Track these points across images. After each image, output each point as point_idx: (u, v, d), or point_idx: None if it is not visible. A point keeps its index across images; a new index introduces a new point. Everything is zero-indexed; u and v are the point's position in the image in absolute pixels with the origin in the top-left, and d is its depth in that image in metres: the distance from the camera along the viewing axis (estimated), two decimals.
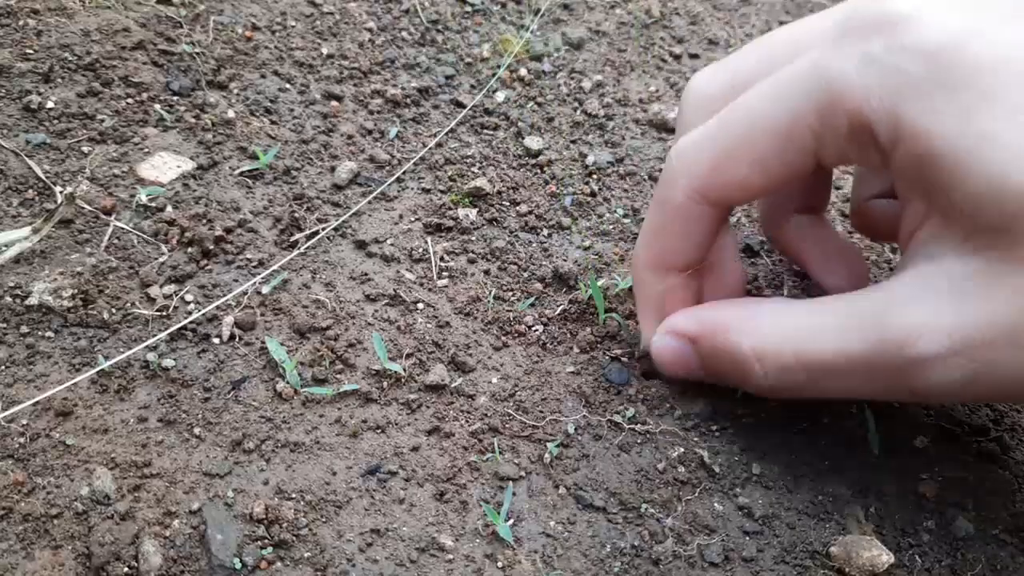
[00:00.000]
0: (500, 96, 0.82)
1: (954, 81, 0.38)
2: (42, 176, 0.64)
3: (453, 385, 0.56)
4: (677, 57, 0.92)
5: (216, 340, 0.57)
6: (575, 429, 0.54)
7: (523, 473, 0.52)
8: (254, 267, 0.62)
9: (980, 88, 0.37)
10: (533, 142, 0.76)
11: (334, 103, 0.78)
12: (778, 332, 0.46)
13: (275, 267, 0.62)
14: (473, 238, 0.67)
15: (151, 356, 0.54)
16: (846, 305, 0.45)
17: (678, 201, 0.49)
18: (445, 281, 0.64)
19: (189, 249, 0.62)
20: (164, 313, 0.57)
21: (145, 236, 0.62)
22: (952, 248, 0.40)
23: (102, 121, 0.70)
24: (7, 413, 0.49)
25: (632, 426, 0.54)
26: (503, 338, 0.60)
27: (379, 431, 0.53)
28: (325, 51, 0.83)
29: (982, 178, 0.37)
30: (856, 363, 0.43)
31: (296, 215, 0.66)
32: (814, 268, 0.61)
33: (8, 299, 0.56)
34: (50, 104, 0.70)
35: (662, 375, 0.58)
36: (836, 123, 0.42)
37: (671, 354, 0.53)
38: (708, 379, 0.53)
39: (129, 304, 0.58)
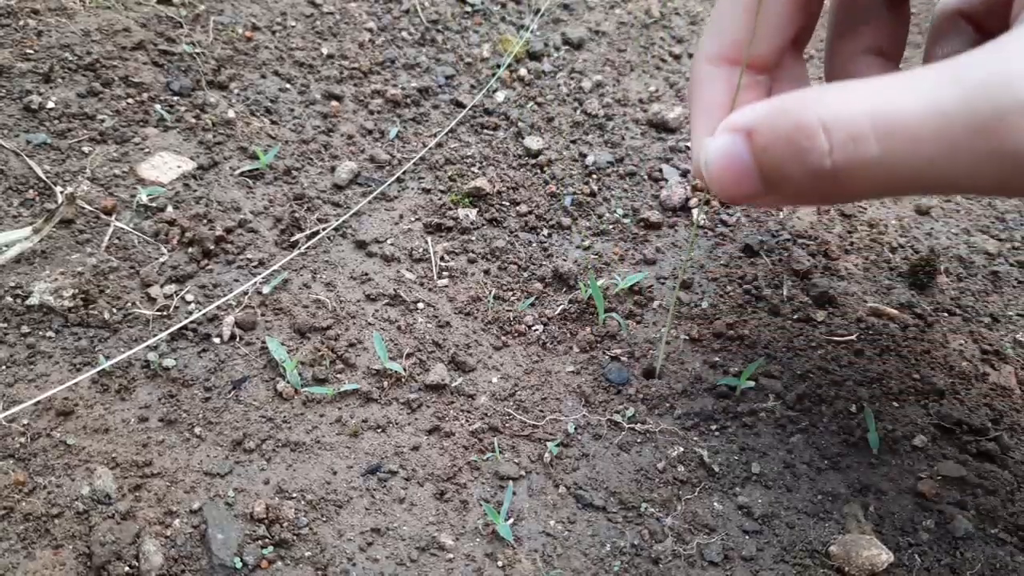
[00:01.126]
0: (500, 96, 0.82)
1: None
2: (42, 176, 0.65)
3: (453, 385, 0.56)
4: (677, 57, 0.92)
5: (217, 340, 0.57)
6: (575, 429, 0.54)
7: (523, 472, 0.52)
8: (254, 267, 0.62)
9: None
10: (533, 142, 0.77)
11: (334, 103, 0.78)
12: (852, 97, 0.38)
13: (275, 267, 0.62)
14: (473, 238, 0.68)
15: (152, 356, 0.54)
16: (941, 65, 0.37)
17: None
18: (445, 281, 0.64)
19: (189, 249, 0.62)
20: (165, 313, 0.57)
21: (145, 236, 0.62)
22: None
23: (102, 121, 0.70)
24: (8, 413, 0.49)
25: (632, 425, 0.55)
26: (503, 338, 0.60)
27: (379, 431, 0.53)
28: (325, 51, 0.83)
29: None
30: (947, 119, 0.35)
31: (296, 215, 0.66)
32: None
33: (9, 299, 0.56)
34: (50, 104, 0.70)
35: (661, 375, 0.58)
36: None
37: (724, 159, 0.42)
38: (764, 195, 0.43)
39: (130, 304, 0.58)
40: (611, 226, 0.70)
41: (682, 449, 0.53)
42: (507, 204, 0.71)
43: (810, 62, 0.91)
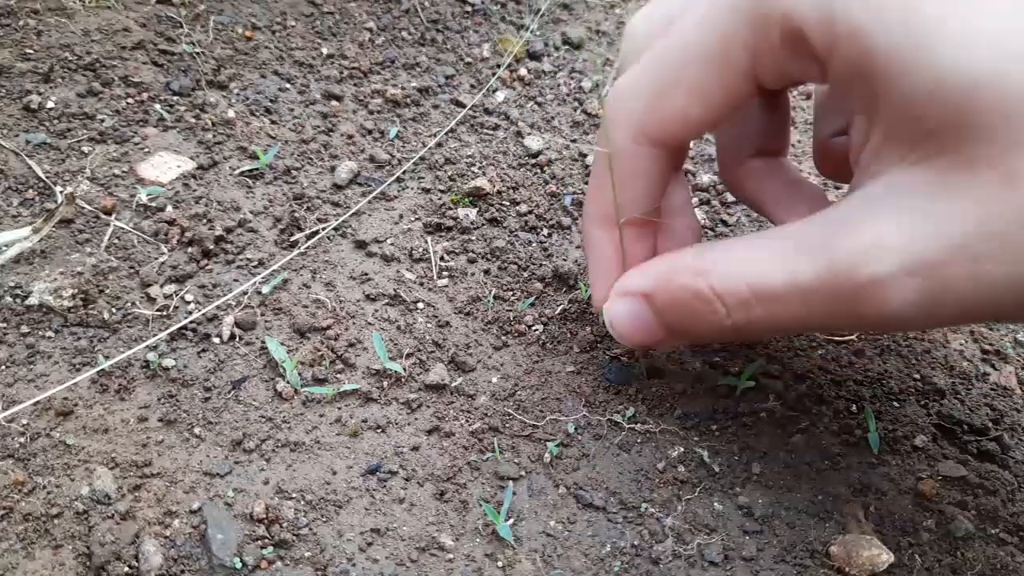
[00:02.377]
0: (500, 96, 0.82)
1: None
2: (42, 176, 0.65)
3: (453, 385, 0.56)
4: None
5: (216, 340, 0.57)
6: (575, 429, 0.54)
7: (523, 473, 0.52)
8: (254, 267, 0.62)
9: None
10: (533, 142, 0.77)
11: (334, 103, 0.78)
12: (732, 265, 0.43)
13: (275, 267, 0.62)
14: (473, 238, 0.67)
15: (151, 356, 0.54)
16: (794, 231, 0.41)
17: (621, 145, 0.46)
18: (445, 281, 0.64)
19: (189, 249, 0.62)
20: (164, 313, 0.57)
21: (145, 236, 0.62)
22: (898, 160, 0.37)
23: (102, 121, 0.70)
24: (7, 413, 0.49)
25: (632, 425, 0.54)
26: (503, 338, 0.60)
27: (379, 431, 0.53)
28: (325, 51, 0.83)
29: (926, 72, 0.33)
30: (807, 291, 0.39)
31: (296, 215, 0.66)
32: (773, 209, 0.56)
33: (8, 299, 0.56)
34: (50, 104, 0.70)
35: (662, 374, 0.58)
36: (769, 34, 0.38)
37: (627, 319, 0.48)
38: (668, 341, 0.49)
39: (129, 304, 0.58)
40: None
41: (682, 449, 0.53)
42: (507, 204, 0.71)
43: None
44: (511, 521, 0.49)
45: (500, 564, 0.47)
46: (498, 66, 0.85)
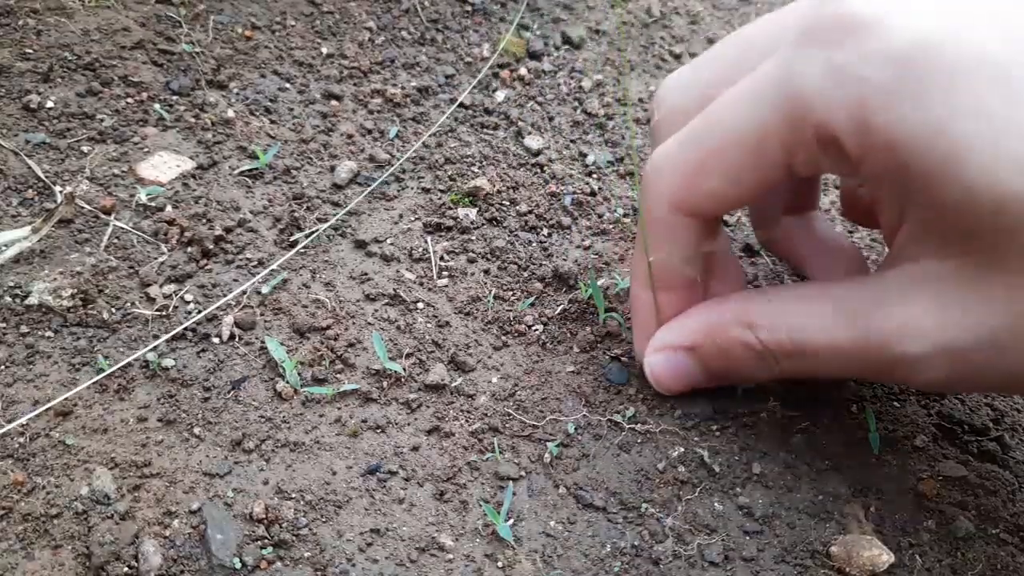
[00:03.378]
0: (500, 96, 0.82)
1: (922, 88, 0.36)
2: (42, 176, 0.64)
3: (453, 385, 0.56)
4: (677, 57, 0.92)
5: (216, 340, 0.57)
6: (575, 429, 0.54)
7: (523, 473, 0.52)
8: (254, 267, 0.62)
9: (949, 94, 0.36)
10: (533, 142, 0.76)
11: (334, 102, 0.78)
12: (777, 319, 0.47)
13: (275, 267, 0.62)
14: (473, 238, 0.67)
15: (151, 356, 0.54)
16: (835, 297, 0.45)
17: (659, 215, 0.49)
18: (445, 281, 0.64)
19: (189, 249, 0.62)
20: (164, 313, 0.57)
21: (145, 236, 0.62)
22: (932, 251, 0.40)
23: (102, 121, 0.70)
24: (16, 424, 0.49)
25: (632, 426, 0.54)
26: (503, 338, 0.60)
27: (379, 431, 0.53)
28: (325, 51, 0.83)
29: (956, 186, 0.36)
30: (845, 354, 0.43)
31: (296, 215, 0.66)
32: (809, 267, 0.60)
33: (8, 299, 0.56)
34: (50, 104, 0.70)
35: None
36: (804, 135, 0.40)
37: (669, 370, 0.53)
38: (707, 384, 0.53)
39: (129, 304, 0.58)
40: (611, 226, 0.70)
41: (683, 449, 0.53)
42: (507, 204, 0.71)
43: None
44: (511, 521, 0.49)
45: (500, 564, 0.47)
46: (498, 66, 0.85)
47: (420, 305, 0.61)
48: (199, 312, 0.57)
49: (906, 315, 0.40)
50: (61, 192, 0.63)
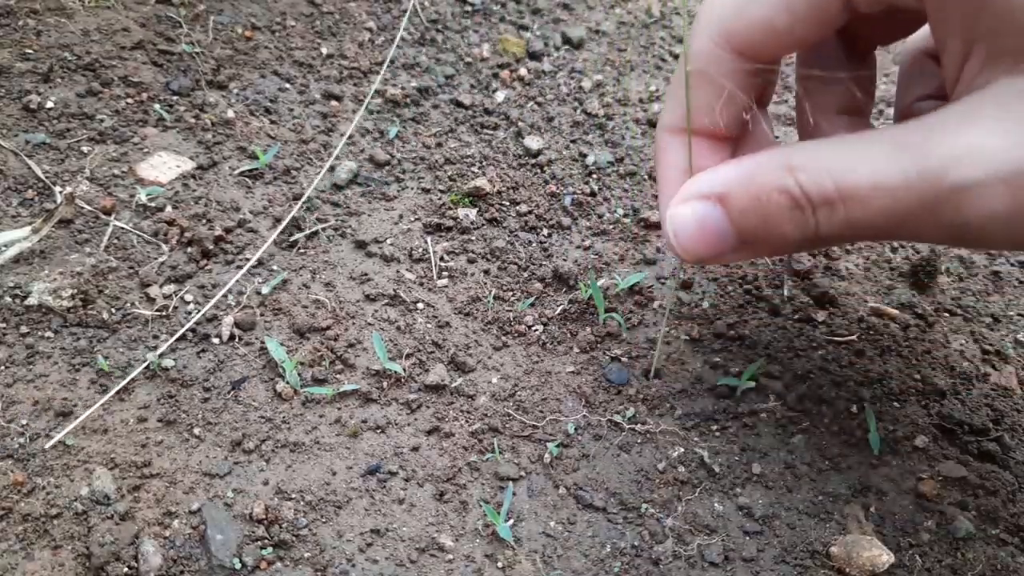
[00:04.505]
0: (500, 96, 0.82)
1: None
2: (42, 176, 0.64)
3: (453, 385, 0.56)
4: (677, 57, 0.91)
5: (216, 340, 0.57)
6: (575, 429, 0.54)
7: (523, 473, 0.52)
8: (253, 267, 0.62)
9: None
10: (533, 142, 0.76)
11: (334, 103, 0.78)
12: (820, 162, 0.40)
13: (275, 267, 0.62)
14: (473, 238, 0.67)
15: (151, 356, 0.54)
16: (888, 135, 0.39)
17: (705, 48, 0.45)
18: (445, 281, 0.64)
19: (189, 249, 0.62)
20: (164, 313, 0.57)
21: (145, 236, 0.62)
22: (1003, 72, 0.36)
23: (102, 121, 0.70)
24: (55, 441, 0.49)
25: (632, 426, 0.54)
26: (503, 338, 0.60)
27: (379, 431, 0.53)
28: (325, 51, 0.83)
29: None
30: (892, 193, 0.38)
31: (296, 215, 0.66)
32: None
33: (8, 299, 0.56)
34: (50, 104, 0.70)
35: (661, 375, 0.58)
36: None
37: (694, 226, 0.44)
38: (737, 252, 0.45)
39: (129, 304, 0.58)
40: (611, 226, 0.70)
41: (683, 449, 0.53)
42: (507, 204, 0.71)
43: None
44: (511, 522, 0.49)
45: (500, 565, 0.47)
46: (498, 66, 0.85)
47: (420, 305, 0.61)
48: (199, 312, 0.57)
49: (966, 139, 0.35)
50: (61, 192, 0.63)
